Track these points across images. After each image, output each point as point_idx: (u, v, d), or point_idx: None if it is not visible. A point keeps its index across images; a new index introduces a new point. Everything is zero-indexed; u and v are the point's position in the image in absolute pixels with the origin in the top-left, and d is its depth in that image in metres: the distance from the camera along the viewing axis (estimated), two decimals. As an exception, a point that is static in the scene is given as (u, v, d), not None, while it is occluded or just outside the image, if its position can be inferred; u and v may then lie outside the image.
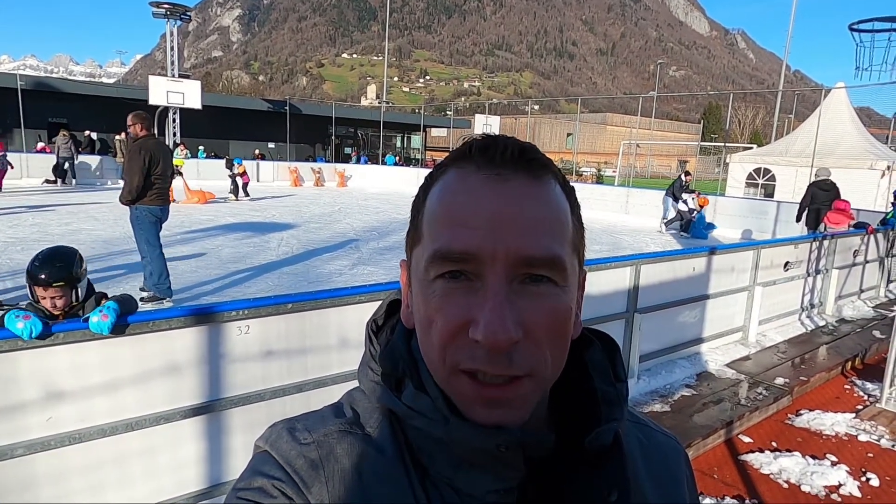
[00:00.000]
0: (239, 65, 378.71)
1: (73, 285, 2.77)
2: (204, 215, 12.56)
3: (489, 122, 28.63)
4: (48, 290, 2.71)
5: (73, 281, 2.77)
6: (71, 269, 2.77)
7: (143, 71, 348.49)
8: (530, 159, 0.49)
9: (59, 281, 2.71)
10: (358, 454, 0.50)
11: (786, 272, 6.14)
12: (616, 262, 4.38)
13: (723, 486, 3.23)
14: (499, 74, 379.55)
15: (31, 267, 2.74)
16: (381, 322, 0.59)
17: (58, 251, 2.87)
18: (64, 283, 2.72)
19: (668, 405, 4.11)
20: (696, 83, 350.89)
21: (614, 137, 55.17)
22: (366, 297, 2.90)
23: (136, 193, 5.43)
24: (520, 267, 0.46)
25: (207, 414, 2.55)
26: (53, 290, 2.71)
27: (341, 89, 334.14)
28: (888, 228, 8.29)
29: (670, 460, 0.62)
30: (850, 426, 4.01)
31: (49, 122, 22.93)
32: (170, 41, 23.24)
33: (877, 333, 6.16)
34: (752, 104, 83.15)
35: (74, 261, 2.82)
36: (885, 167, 16.09)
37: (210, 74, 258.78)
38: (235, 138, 28.51)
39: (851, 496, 3.16)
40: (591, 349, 0.56)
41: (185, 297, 6.13)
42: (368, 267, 8.22)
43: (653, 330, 4.64)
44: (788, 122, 36.91)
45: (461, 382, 0.47)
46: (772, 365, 5.05)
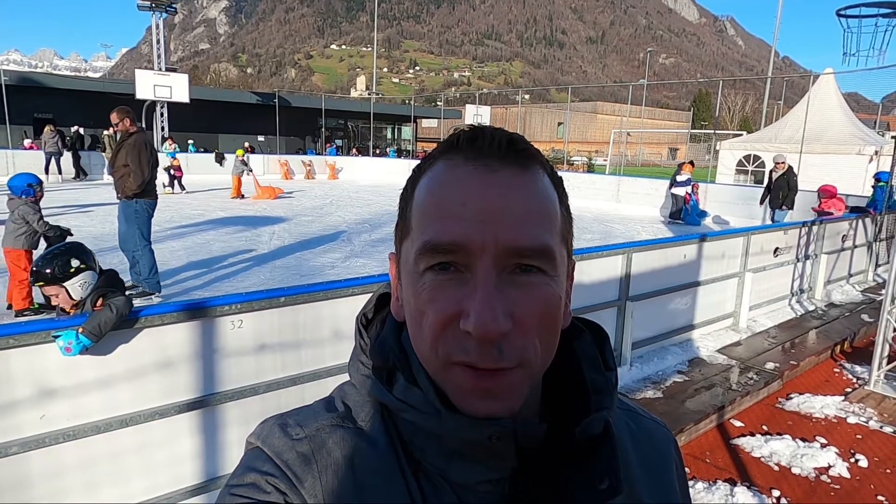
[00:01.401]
0: (226, 57, 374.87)
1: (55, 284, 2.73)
2: (194, 210, 12.47)
3: (480, 113, 28.58)
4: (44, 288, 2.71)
5: (53, 282, 2.73)
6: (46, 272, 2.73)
7: (130, 65, 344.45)
8: (518, 150, 0.49)
9: (38, 281, 2.71)
10: (350, 448, 0.51)
11: (775, 258, 6.19)
12: (608, 251, 4.40)
13: (715, 470, 3.28)
14: (489, 64, 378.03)
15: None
16: (370, 315, 0.59)
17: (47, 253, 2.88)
18: (43, 283, 2.70)
19: (661, 391, 4.15)
20: (686, 71, 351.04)
21: (605, 126, 55.22)
22: (359, 289, 2.90)
23: (146, 186, 5.54)
24: (509, 257, 0.46)
25: (202, 409, 2.55)
26: (48, 289, 2.71)
27: (330, 81, 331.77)
28: (877, 211, 8.37)
29: (660, 447, 0.62)
30: (840, 409, 4.06)
31: (35, 118, 22.63)
32: (156, 34, 22.95)
33: (865, 317, 6.23)
34: (741, 91, 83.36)
35: (55, 263, 2.78)
36: (873, 152, 16.19)
37: (197, 67, 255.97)
38: (224, 132, 28.27)
39: (840, 477, 3.21)
40: (580, 339, 0.57)
41: (177, 292, 6.11)
42: (361, 259, 8.20)
43: (645, 317, 4.67)
44: (778, 108, 37.04)
45: (455, 373, 0.47)
46: (762, 350, 5.10)
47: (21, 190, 5.23)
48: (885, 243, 8.38)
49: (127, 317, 2.32)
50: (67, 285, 2.77)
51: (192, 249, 8.39)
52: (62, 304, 2.72)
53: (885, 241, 8.38)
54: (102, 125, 19.70)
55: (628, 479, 0.56)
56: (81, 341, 2.18)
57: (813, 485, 3.14)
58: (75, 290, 2.77)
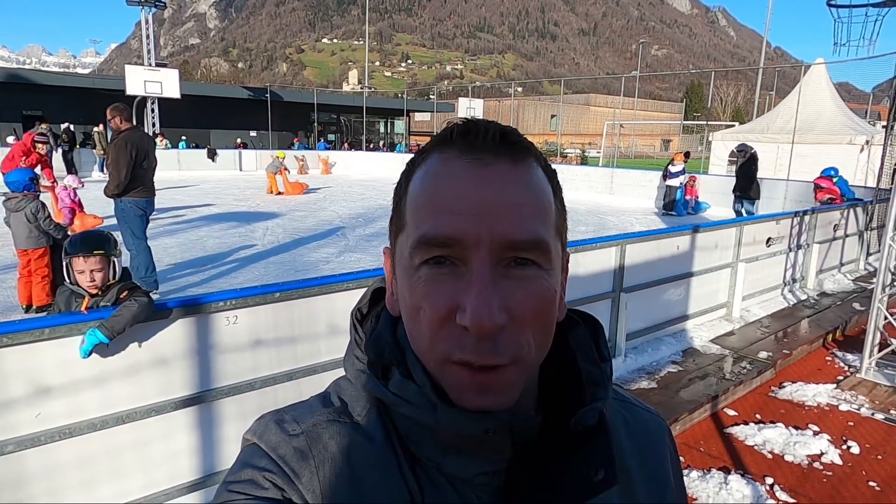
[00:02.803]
0: (217, 52, 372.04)
1: (110, 258, 2.79)
2: (187, 206, 12.41)
3: (473, 106, 28.47)
4: (88, 260, 2.71)
5: (110, 253, 2.80)
6: (108, 244, 2.82)
7: (119, 60, 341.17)
8: (512, 143, 0.49)
9: (99, 249, 2.73)
10: (347, 442, 0.51)
11: (768, 248, 6.23)
12: (601, 243, 4.41)
13: (709, 459, 3.31)
14: (481, 57, 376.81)
15: (70, 242, 2.81)
16: (365, 310, 0.59)
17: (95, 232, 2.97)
18: (103, 252, 2.75)
19: (655, 382, 4.17)
20: (679, 62, 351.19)
21: (598, 118, 55.18)
22: (353, 283, 2.90)
23: (124, 187, 5.40)
24: (504, 251, 0.46)
25: (199, 405, 2.55)
26: (94, 261, 2.71)
27: (323, 75, 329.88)
28: (867, 202, 8.42)
29: (654, 436, 0.63)
30: (832, 397, 4.10)
31: (23, 115, 22.40)
32: (145, 29, 22.73)
33: (857, 306, 6.28)
34: (733, 82, 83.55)
35: (110, 241, 2.87)
36: (864, 141, 16.28)
37: (188, 62, 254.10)
38: (216, 127, 28.11)
39: (833, 464, 3.25)
40: (575, 330, 0.57)
41: (172, 290, 6.08)
42: (355, 254, 8.19)
43: (639, 308, 4.70)
44: (769, 98, 37.13)
45: (453, 371, 0.47)
46: (755, 339, 5.14)
47: (23, 185, 5.14)
48: (876, 232, 8.44)
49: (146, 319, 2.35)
50: (115, 260, 2.83)
51: (186, 246, 8.35)
52: (98, 283, 2.71)
53: (876, 230, 8.44)
54: (93, 122, 19.55)
55: (623, 469, 0.56)
56: (98, 337, 2.18)
57: (806, 472, 3.18)
58: (115, 270, 2.81)
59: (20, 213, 5.04)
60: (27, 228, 5.04)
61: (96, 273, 2.72)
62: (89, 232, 2.99)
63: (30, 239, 5.07)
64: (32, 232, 5.05)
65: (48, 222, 5.12)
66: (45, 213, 5.14)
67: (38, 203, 5.12)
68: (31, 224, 5.03)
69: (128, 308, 2.28)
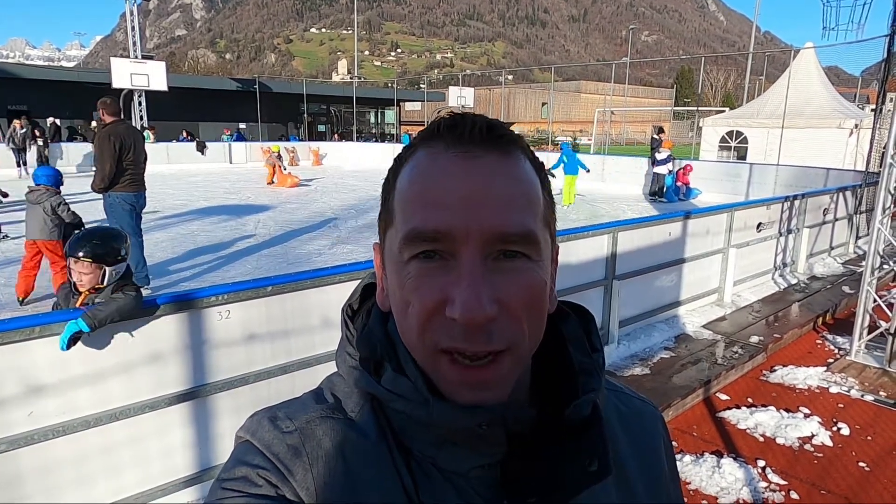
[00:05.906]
0: (204, 43, 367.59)
1: (100, 265, 2.73)
2: (177, 199, 12.32)
3: (463, 94, 28.34)
4: (76, 263, 2.69)
5: (100, 261, 2.73)
6: (101, 250, 2.75)
7: (105, 53, 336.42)
8: (499, 135, 0.49)
9: (87, 257, 2.69)
10: (341, 439, 0.51)
11: (759, 233, 6.27)
12: (593, 231, 4.43)
13: (702, 443, 3.34)
14: (471, 45, 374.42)
15: (70, 240, 2.79)
16: (356, 306, 0.59)
17: (103, 231, 2.93)
18: (91, 260, 2.70)
19: (648, 368, 4.21)
20: (669, 48, 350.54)
21: (589, 105, 55.11)
22: (346, 276, 2.89)
23: (109, 181, 5.35)
24: (493, 244, 0.46)
25: (193, 400, 2.55)
26: (81, 265, 2.69)
27: (311, 65, 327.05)
28: (857, 186, 8.48)
29: (648, 426, 0.63)
30: (822, 379, 4.15)
31: (8, 111, 22.08)
32: (130, 21, 22.39)
33: (846, 289, 6.35)
34: (723, 67, 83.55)
35: (111, 245, 2.79)
36: (853, 125, 16.36)
37: (175, 54, 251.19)
38: (205, 120, 27.81)
39: (823, 445, 3.30)
40: (566, 322, 0.57)
41: (163, 285, 6.05)
42: (348, 246, 8.18)
43: (631, 295, 4.72)
44: (759, 83, 37.20)
45: (443, 365, 0.47)
46: (747, 324, 5.19)
47: (55, 180, 5.39)
48: (865, 216, 8.50)
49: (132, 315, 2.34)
50: (109, 269, 2.77)
51: (177, 240, 8.30)
52: (85, 285, 2.69)
53: (865, 214, 8.50)
54: (78, 116, 19.32)
55: (617, 459, 0.57)
56: (78, 325, 2.17)
57: (797, 454, 3.22)
58: (110, 276, 2.77)
59: (39, 205, 5.24)
60: (42, 220, 5.25)
61: (84, 275, 2.69)
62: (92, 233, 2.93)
63: (43, 231, 5.27)
64: (47, 224, 5.25)
65: (70, 214, 5.31)
66: (66, 207, 5.33)
67: (59, 197, 5.32)
68: (47, 216, 5.24)
69: (114, 300, 2.28)
